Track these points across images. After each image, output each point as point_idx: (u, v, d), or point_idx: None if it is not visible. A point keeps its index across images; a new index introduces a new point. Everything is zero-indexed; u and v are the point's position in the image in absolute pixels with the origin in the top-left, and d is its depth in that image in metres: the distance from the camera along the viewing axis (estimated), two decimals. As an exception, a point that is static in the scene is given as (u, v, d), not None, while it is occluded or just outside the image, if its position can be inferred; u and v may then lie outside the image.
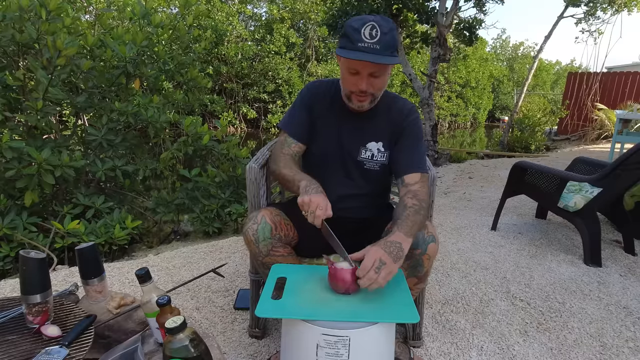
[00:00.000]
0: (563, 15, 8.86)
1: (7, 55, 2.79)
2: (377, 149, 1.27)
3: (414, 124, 1.27)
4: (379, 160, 1.27)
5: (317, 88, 1.32)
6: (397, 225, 1.05)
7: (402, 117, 1.26)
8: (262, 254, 1.18)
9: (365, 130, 1.27)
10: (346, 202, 1.29)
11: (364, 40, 1.05)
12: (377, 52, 1.05)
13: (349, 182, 1.30)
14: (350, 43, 1.07)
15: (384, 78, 1.15)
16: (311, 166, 1.33)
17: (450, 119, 18.83)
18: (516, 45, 25.52)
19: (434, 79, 7.04)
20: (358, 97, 1.17)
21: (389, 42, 1.06)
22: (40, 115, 2.59)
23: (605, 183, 2.11)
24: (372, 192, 1.33)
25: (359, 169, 1.28)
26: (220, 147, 3.39)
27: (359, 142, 1.27)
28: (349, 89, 1.18)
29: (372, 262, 0.93)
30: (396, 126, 1.26)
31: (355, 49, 1.06)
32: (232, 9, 12.58)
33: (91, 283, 1.25)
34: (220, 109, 11.90)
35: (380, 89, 1.17)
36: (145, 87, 3.74)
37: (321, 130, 1.29)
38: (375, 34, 1.04)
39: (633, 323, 1.67)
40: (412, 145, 1.25)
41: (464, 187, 4.57)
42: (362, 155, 1.27)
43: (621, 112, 5.90)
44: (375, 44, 1.05)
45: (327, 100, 1.29)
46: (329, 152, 1.29)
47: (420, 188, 1.18)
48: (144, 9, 3.37)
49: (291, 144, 1.29)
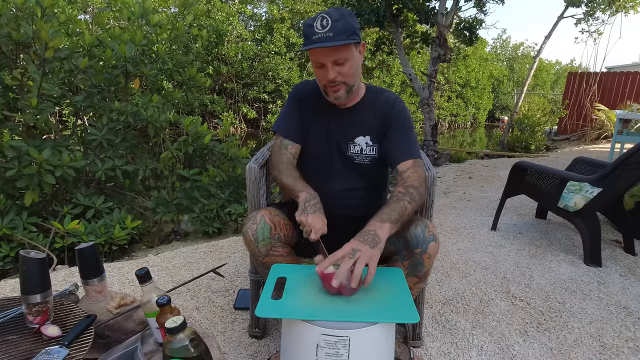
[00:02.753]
0: (563, 16, 8.86)
1: (4, 55, 2.79)
2: (365, 143, 1.29)
3: (401, 114, 1.28)
4: (369, 154, 1.29)
5: (304, 88, 1.36)
6: (374, 216, 1.08)
7: (388, 108, 1.28)
8: (261, 254, 1.18)
9: (352, 125, 1.30)
10: (341, 198, 1.30)
11: (317, 32, 1.10)
12: (331, 39, 1.09)
13: (342, 178, 1.31)
14: (307, 39, 1.12)
15: (349, 64, 1.16)
16: (304, 164, 1.34)
17: (450, 119, 18.81)
18: (516, 45, 25.52)
19: (434, 79, 7.04)
20: (331, 88, 1.19)
21: (343, 28, 1.09)
22: (36, 112, 2.59)
23: (605, 183, 2.11)
24: (365, 187, 1.34)
25: (349, 164, 1.30)
26: (221, 147, 3.39)
27: (347, 138, 1.29)
28: (321, 83, 1.22)
29: (344, 252, 0.96)
30: (383, 118, 1.28)
31: (311, 42, 1.11)
32: (232, 9, 12.57)
33: (91, 283, 1.25)
34: (220, 109, 11.90)
35: (350, 75, 1.18)
36: (144, 86, 3.74)
37: (312, 128, 1.32)
38: (326, 23, 1.09)
39: (633, 323, 1.67)
40: (400, 135, 1.26)
41: (464, 187, 4.57)
42: (352, 150, 1.29)
43: (621, 112, 5.89)
44: (328, 31, 1.09)
45: (314, 99, 1.32)
46: (320, 150, 1.31)
47: (412, 174, 1.19)
48: (142, 8, 3.37)
49: (288, 146, 1.31)
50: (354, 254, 0.95)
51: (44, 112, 2.65)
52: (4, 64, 2.81)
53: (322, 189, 1.28)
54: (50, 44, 2.56)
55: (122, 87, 3.33)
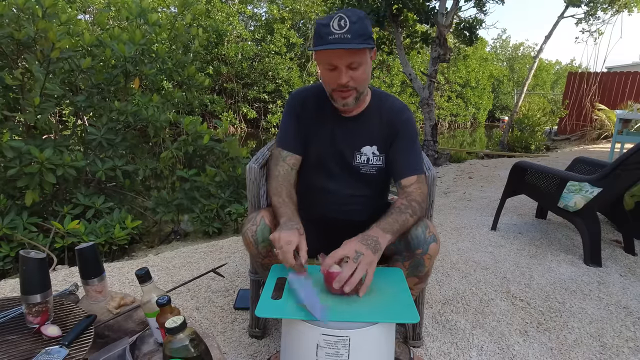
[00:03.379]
0: (563, 15, 8.86)
1: (5, 55, 2.79)
2: (372, 153, 1.25)
3: (407, 124, 1.24)
4: (375, 164, 1.26)
5: (302, 96, 1.30)
6: (377, 222, 1.07)
7: (394, 117, 1.24)
8: (261, 255, 1.18)
9: (359, 134, 1.25)
10: (344, 204, 1.29)
11: (334, 32, 1.04)
12: (349, 41, 1.04)
13: (346, 186, 1.29)
14: (321, 39, 1.06)
15: (363, 69, 1.11)
16: (309, 172, 1.32)
17: (450, 119, 18.82)
18: (516, 45, 25.52)
19: (434, 79, 7.04)
20: (341, 93, 1.14)
21: (360, 30, 1.05)
22: (38, 112, 2.59)
23: (605, 183, 2.11)
24: (371, 195, 1.32)
25: (355, 174, 1.27)
26: (221, 147, 3.39)
27: (353, 147, 1.25)
28: (330, 86, 1.15)
29: (348, 253, 0.95)
30: (390, 127, 1.24)
31: (326, 43, 1.05)
32: (232, 9, 12.57)
33: (91, 283, 1.25)
34: (220, 109, 11.90)
35: (362, 81, 1.13)
36: (144, 86, 3.74)
37: (314, 137, 1.27)
38: (344, 24, 1.03)
39: (633, 323, 1.67)
40: (406, 147, 1.23)
41: (464, 187, 4.57)
42: (358, 160, 1.25)
43: (621, 112, 5.89)
44: (346, 33, 1.03)
45: (314, 106, 1.27)
46: (324, 159, 1.27)
47: (415, 189, 1.18)
48: (140, 8, 3.37)
49: (286, 157, 1.27)
50: (357, 257, 0.94)
51: (45, 111, 2.65)
52: (4, 64, 2.81)
53: (326, 194, 1.27)
54: (57, 45, 2.56)
55: (122, 86, 3.33)
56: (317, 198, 1.32)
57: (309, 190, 1.34)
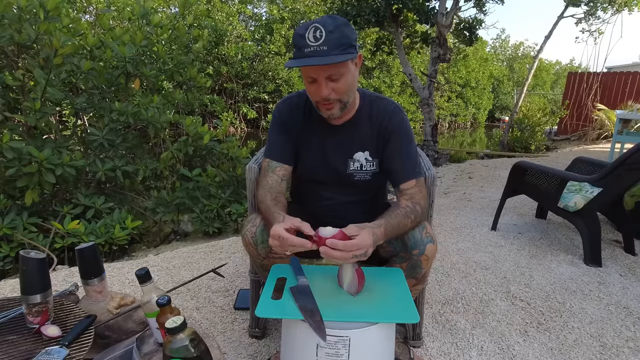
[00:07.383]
0: (563, 15, 8.86)
1: (6, 56, 2.79)
2: (364, 159, 1.22)
3: (401, 126, 1.19)
4: (369, 169, 1.23)
5: (287, 105, 1.26)
6: (384, 218, 1.04)
7: (386, 119, 1.19)
8: (260, 256, 1.18)
9: (349, 141, 1.21)
10: (341, 210, 1.28)
11: (309, 44, 0.99)
12: (325, 54, 0.99)
13: (342, 195, 1.27)
14: (298, 50, 1.02)
15: (345, 79, 1.06)
16: (303, 181, 1.31)
17: (450, 119, 18.83)
18: (516, 45, 25.53)
19: (434, 79, 7.05)
20: (324, 105, 1.10)
21: (338, 40, 1.00)
22: (38, 115, 2.59)
23: (605, 183, 2.11)
24: (367, 199, 1.31)
25: (350, 181, 1.24)
26: (221, 147, 3.39)
27: (345, 155, 1.22)
28: (313, 99, 1.12)
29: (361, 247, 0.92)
30: (381, 130, 1.20)
31: (302, 56, 1.01)
32: (232, 9, 12.59)
33: (91, 283, 1.25)
34: (220, 109, 11.90)
35: (344, 92, 1.08)
36: (145, 87, 3.74)
37: (304, 147, 1.24)
38: (320, 35, 0.98)
39: (633, 323, 1.67)
40: (401, 150, 1.19)
41: (464, 187, 4.57)
42: (351, 167, 1.22)
43: (621, 112, 5.90)
44: (321, 45, 0.99)
45: (302, 115, 1.24)
46: (316, 168, 1.25)
47: (416, 192, 1.16)
48: (143, 8, 3.37)
49: (275, 168, 1.22)
50: (365, 255, 0.93)
51: (46, 114, 2.65)
52: (5, 64, 2.81)
53: (321, 203, 1.26)
54: (60, 52, 2.55)
55: (123, 87, 3.33)
56: (311, 206, 1.31)
57: (302, 200, 1.34)
